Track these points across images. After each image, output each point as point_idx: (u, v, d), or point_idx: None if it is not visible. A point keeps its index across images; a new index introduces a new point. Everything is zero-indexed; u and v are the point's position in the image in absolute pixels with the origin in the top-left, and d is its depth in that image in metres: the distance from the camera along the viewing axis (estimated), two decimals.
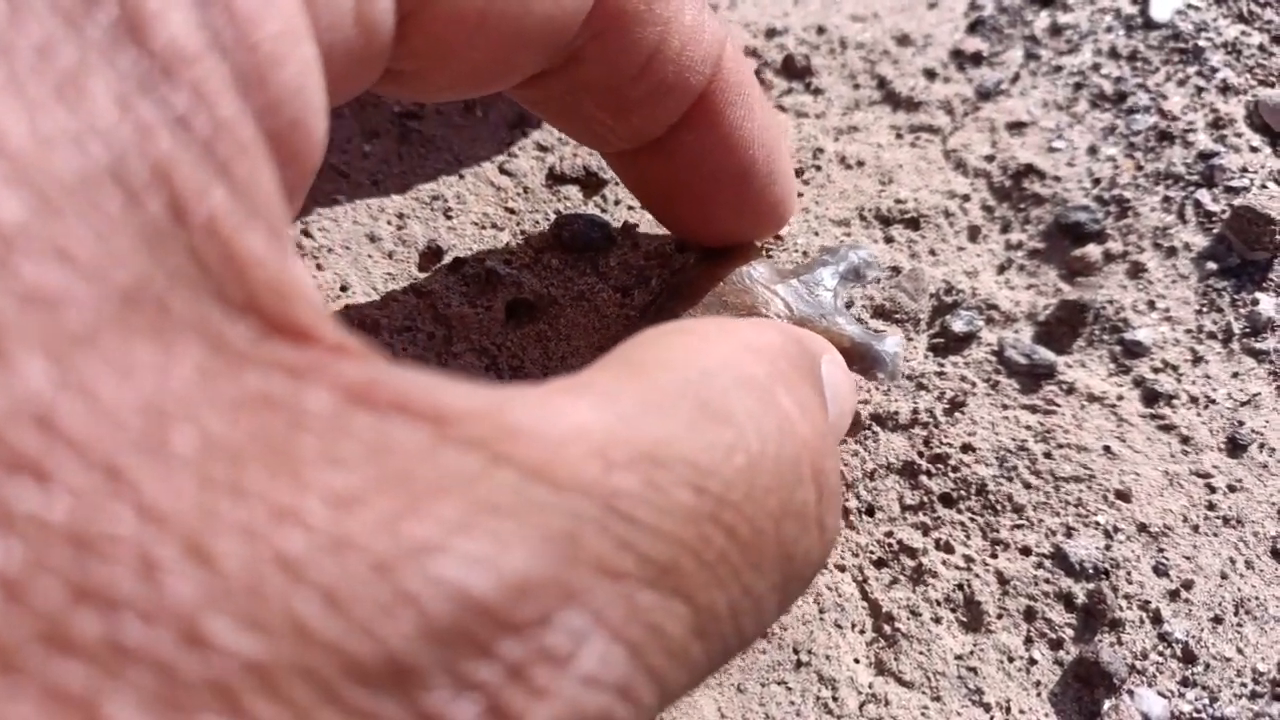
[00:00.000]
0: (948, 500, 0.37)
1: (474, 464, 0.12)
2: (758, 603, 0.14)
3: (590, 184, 0.44)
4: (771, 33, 0.49)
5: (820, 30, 0.49)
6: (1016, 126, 0.47)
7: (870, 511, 0.37)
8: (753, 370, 0.16)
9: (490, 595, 0.11)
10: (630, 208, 0.43)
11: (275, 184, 0.13)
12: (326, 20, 0.16)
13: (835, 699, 0.33)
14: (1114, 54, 0.50)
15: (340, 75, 0.18)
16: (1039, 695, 0.34)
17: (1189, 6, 0.52)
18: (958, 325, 0.41)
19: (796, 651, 0.34)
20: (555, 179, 0.43)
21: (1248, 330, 0.41)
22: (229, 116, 0.13)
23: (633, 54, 0.25)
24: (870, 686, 0.34)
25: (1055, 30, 0.50)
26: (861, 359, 0.33)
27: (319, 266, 0.40)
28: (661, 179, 0.30)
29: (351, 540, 0.10)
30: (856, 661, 0.34)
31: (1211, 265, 0.43)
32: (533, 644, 0.11)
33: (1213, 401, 0.40)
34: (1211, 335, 0.41)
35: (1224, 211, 0.44)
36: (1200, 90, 0.49)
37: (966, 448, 0.38)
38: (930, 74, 0.48)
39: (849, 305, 0.38)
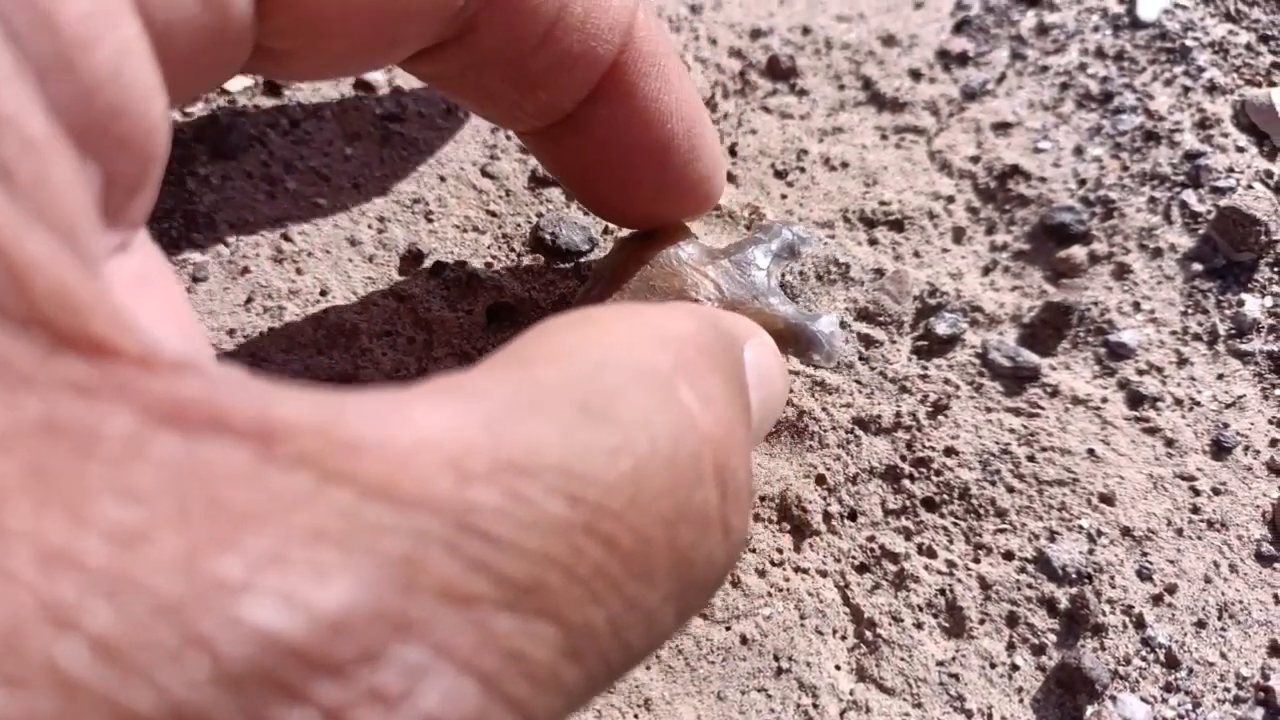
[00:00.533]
0: (930, 504, 0.37)
1: (302, 485, 0.11)
2: (648, 615, 0.13)
3: None
4: (756, 33, 0.48)
5: (805, 31, 0.49)
6: (1002, 127, 0.47)
7: (853, 516, 0.37)
8: (653, 361, 0.15)
9: (299, 635, 0.10)
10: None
11: (76, 182, 0.12)
12: None
13: (816, 706, 0.33)
14: (1101, 54, 0.49)
15: (194, 56, 0.17)
16: (1021, 701, 0.34)
17: (1176, 6, 0.52)
18: (941, 328, 0.40)
19: (777, 659, 0.34)
20: (538, 182, 0.43)
21: (1233, 332, 0.41)
22: (10, 111, 0.12)
23: (531, 22, 0.24)
24: (851, 693, 0.34)
25: (1042, 30, 0.50)
26: (796, 340, 0.32)
27: (299, 271, 0.40)
28: (578, 157, 0.29)
29: (133, 581, 0.09)
30: (838, 668, 0.34)
31: (1197, 266, 0.43)
32: (356, 686, 0.10)
33: (1197, 404, 0.40)
34: (1197, 337, 0.41)
35: (1210, 212, 0.44)
36: (1187, 90, 0.48)
37: (950, 451, 0.38)
38: (916, 74, 0.48)
39: (783, 285, 0.37)
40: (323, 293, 0.40)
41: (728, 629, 0.34)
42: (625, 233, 0.37)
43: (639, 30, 0.26)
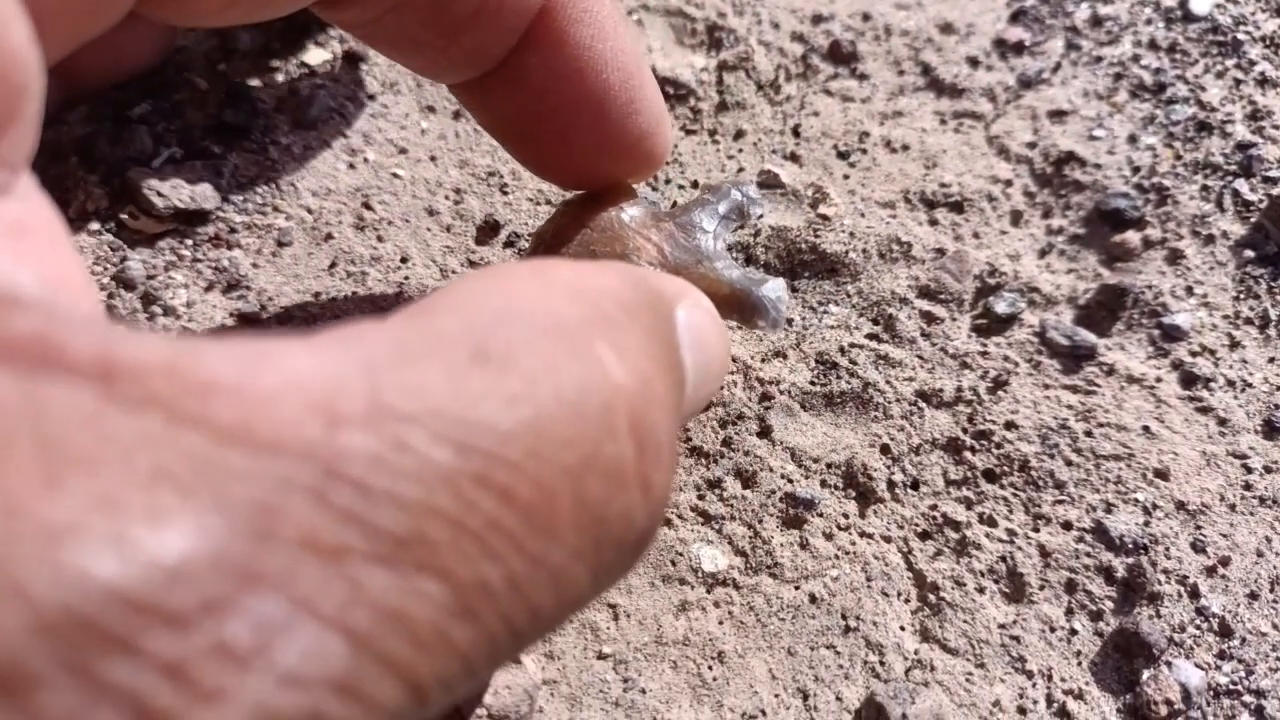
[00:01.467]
0: (991, 476, 0.38)
1: (147, 427, 0.10)
2: (555, 574, 0.12)
3: None
4: (818, 19, 0.50)
5: (865, 17, 0.50)
6: (1058, 114, 0.48)
7: (915, 485, 0.38)
8: (563, 313, 0.14)
9: (129, 582, 0.09)
10: (680, 186, 0.44)
11: None
12: None
13: (882, 663, 0.35)
14: (1154, 46, 0.51)
15: None
16: (1080, 664, 0.35)
17: (1228, 0, 0.53)
18: (1000, 307, 0.42)
19: (844, 617, 0.35)
20: None
21: None
22: None
23: None
24: (916, 653, 0.35)
25: (1096, 21, 0.51)
26: (741, 306, 0.31)
27: (380, 238, 0.41)
28: (510, 110, 0.27)
29: None
30: (902, 629, 0.35)
31: (1249, 253, 0.44)
32: (198, 638, 0.09)
33: (1249, 385, 0.41)
34: (1248, 321, 0.42)
35: (1261, 201, 0.45)
36: (1239, 82, 0.49)
37: (1009, 425, 0.39)
38: (973, 62, 0.49)
39: (730, 247, 0.34)
40: (403, 260, 0.41)
41: (797, 588, 0.35)
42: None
43: None
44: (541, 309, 0.14)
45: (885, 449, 0.38)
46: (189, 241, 0.40)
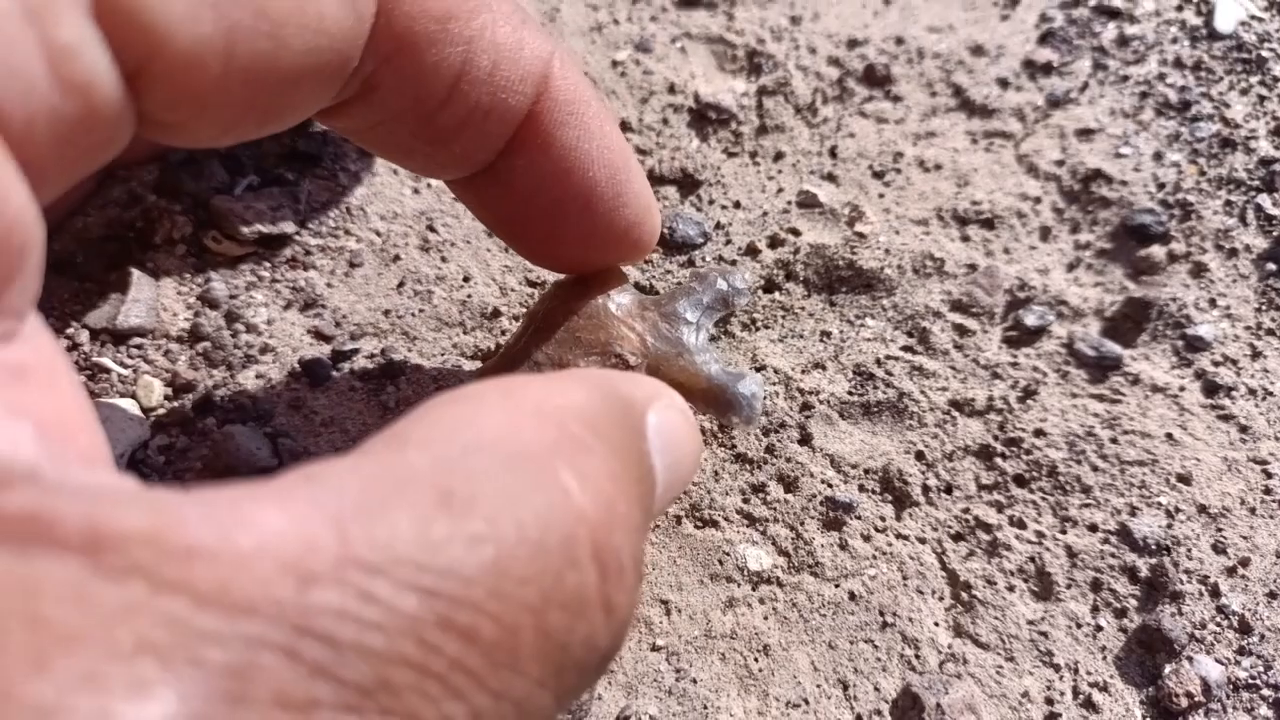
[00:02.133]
0: (1021, 481, 0.41)
1: (131, 596, 0.10)
2: (519, 703, 0.13)
3: (687, 184, 0.47)
4: (853, 44, 0.52)
5: (899, 41, 0.52)
6: (1085, 133, 0.50)
7: (949, 489, 0.40)
8: (529, 441, 0.15)
9: None
10: (723, 207, 0.47)
11: None
12: (9, 90, 0.15)
13: (918, 657, 0.37)
14: (1179, 64, 0.52)
15: (65, 141, 0.17)
16: (1104, 659, 0.37)
17: (1252, 18, 0.54)
18: (1030, 319, 0.44)
19: (882, 614, 0.38)
20: (655, 180, 0.47)
21: None
22: None
23: (434, 78, 0.24)
24: (949, 647, 0.37)
25: (1123, 41, 0.53)
26: (716, 400, 0.31)
27: (444, 259, 0.44)
28: (501, 206, 0.28)
29: None
30: (936, 624, 0.38)
31: (1271, 266, 0.46)
32: None
33: (1270, 394, 0.43)
34: (1270, 332, 0.44)
35: None
36: (1262, 99, 0.51)
37: (1038, 433, 0.41)
38: (1003, 83, 0.51)
39: (713, 339, 0.35)
40: (466, 279, 0.44)
41: (837, 586, 0.38)
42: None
43: (555, 80, 0.26)
44: (507, 437, 0.15)
45: (920, 455, 0.41)
46: (268, 264, 0.43)
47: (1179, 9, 0.55)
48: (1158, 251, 0.46)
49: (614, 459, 0.16)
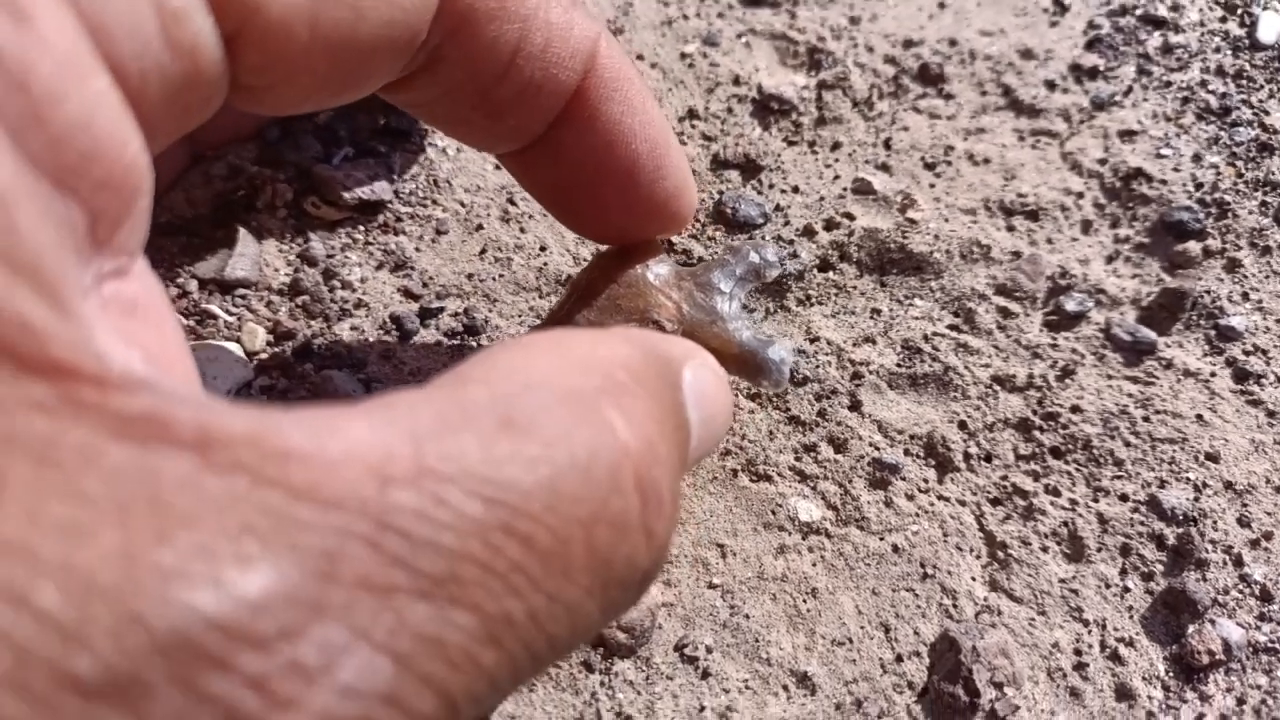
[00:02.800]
0: (1057, 452, 0.43)
1: (236, 488, 0.12)
2: (570, 609, 0.15)
3: (749, 169, 0.50)
4: (909, 43, 0.55)
5: (952, 43, 0.55)
6: (1128, 134, 0.52)
7: (988, 458, 0.43)
8: (577, 384, 0.16)
9: (224, 614, 0.11)
10: (783, 191, 0.50)
11: (46, 221, 0.14)
12: (128, 50, 0.17)
13: (955, 606, 0.40)
14: (1221, 72, 0.55)
15: (172, 99, 0.19)
16: (1131, 617, 0.40)
17: None
18: (1070, 305, 0.47)
19: (923, 566, 0.41)
20: (719, 164, 0.50)
21: None
22: None
23: (492, 52, 0.25)
24: (985, 599, 0.40)
25: (1167, 49, 0.56)
26: (747, 365, 0.33)
27: (522, 229, 0.48)
28: (549, 178, 0.30)
29: (77, 568, 0.11)
30: (973, 579, 0.41)
31: None
32: (277, 658, 0.11)
33: None
34: None
35: None
36: None
37: (1075, 409, 0.44)
38: (1050, 85, 0.54)
39: (745, 308, 0.36)
40: (542, 248, 0.47)
41: (881, 539, 0.41)
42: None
43: (601, 58, 0.28)
44: (558, 379, 0.16)
45: (963, 425, 0.44)
46: (362, 228, 0.47)
47: (1223, 20, 0.57)
48: (1194, 247, 0.49)
49: (654, 405, 0.18)
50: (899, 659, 0.39)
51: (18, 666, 0.10)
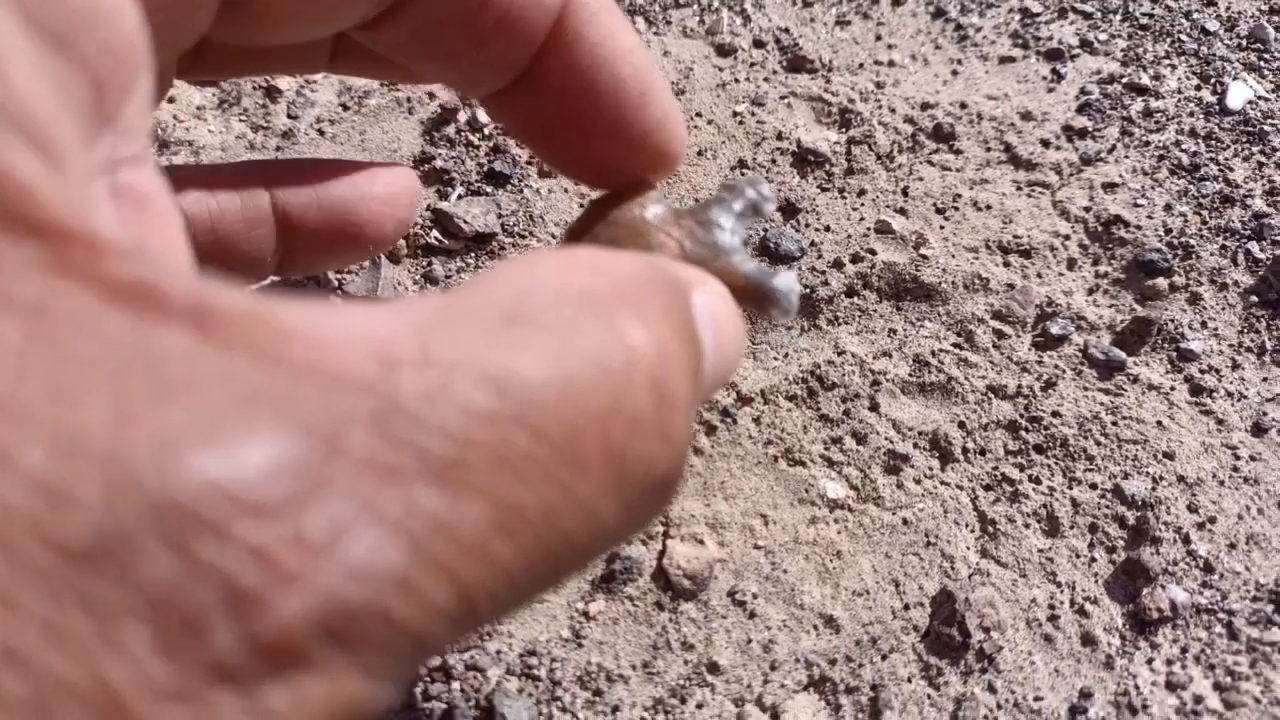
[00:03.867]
0: (1039, 449, 0.53)
1: (236, 364, 0.11)
2: (584, 506, 0.14)
3: (789, 211, 0.61)
4: (925, 106, 0.65)
5: (963, 105, 0.65)
6: (1110, 186, 0.62)
7: (982, 452, 0.53)
8: (588, 286, 0.16)
9: (225, 477, 0.10)
10: (817, 230, 0.60)
11: (44, 82, 0.13)
12: None
13: (952, 569, 0.49)
14: (1193, 133, 0.65)
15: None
16: (1096, 581, 0.49)
17: (1259, 98, 0.66)
18: (1055, 329, 0.56)
19: (927, 536, 0.50)
20: None
21: (1278, 348, 0.56)
22: None
23: None
24: (977, 564, 0.50)
25: (1147, 113, 0.66)
26: (755, 296, 0.30)
27: None
28: (536, 114, 0.29)
29: (67, 427, 0.10)
30: (968, 548, 0.50)
31: (1254, 298, 0.57)
32: (280, 528, 0.11)
33: (1244, 396, 0.55)
34: (1249, 349, 0.56)
35: (1268, 259, 0.59)
36: (1262, 165, 0.63)
37: (1055, 414, 0.54)
38: (1045, 143, 0.64)
39: (746, 243, 0.34)
40: None
41: (894, 514, 0.51)
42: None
43: None
44: (567, 283, 0.16)
45: (962, 424, 0.53)
46: (474, 255, 0.58)
47: (1198, 88, 0.67)
48: (1162, 282, 0.58)
49: (666, 314, 0.17)
50: (906, 607, 0.48)
51: (3, 529, 0.09)
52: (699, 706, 0.45)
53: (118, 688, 0.09)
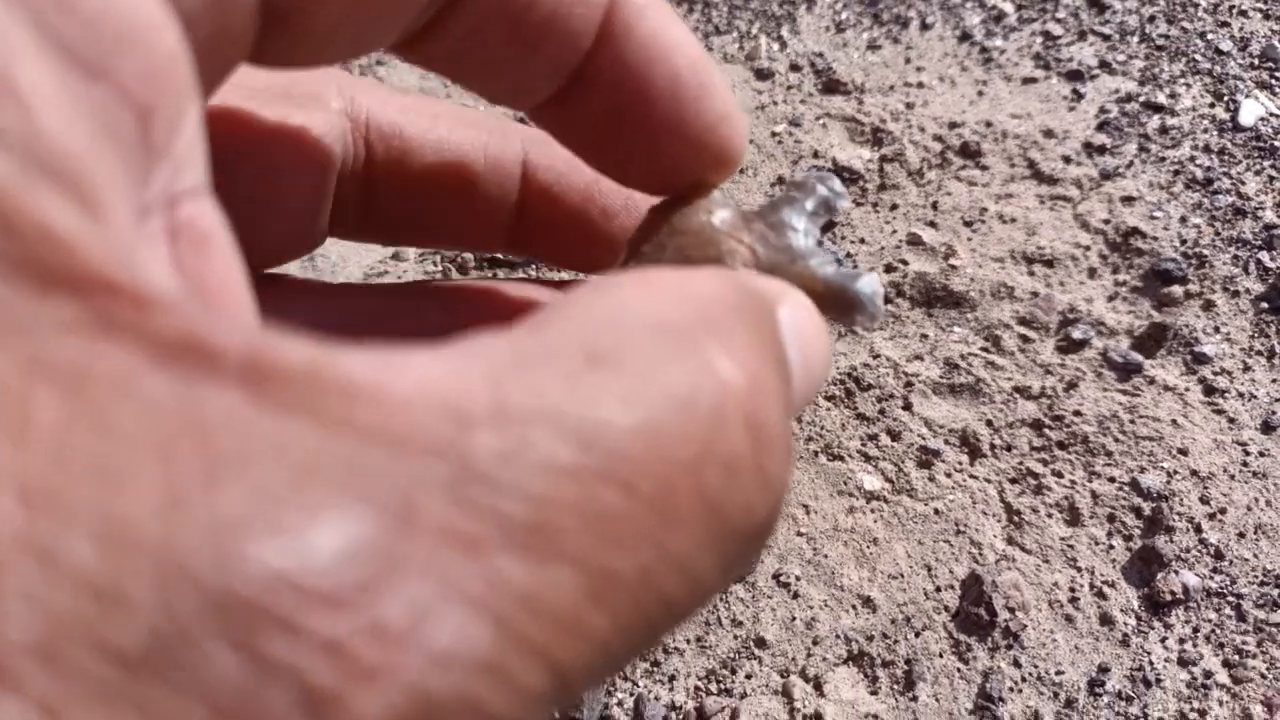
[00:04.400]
0: (1062, 445, 0.57)
1: (294, 429, 0.10)
2: (682, 564, 0.13)
3: (825, 225, 0.65)
4: (953, 125, 0.70)
5: (988, 124, 0.70)
6: (1128, 200, 0.66)
7: (1009, 448, 0.57)
8: (671, 316, 0.14)
9: (290, 566, 0.09)
10: (852, 242, 0.65)
11: (71, 111, 0.12)
12: None
13: (980, 555, 0.54)
14: (1207, 149, 0.69)
15: (204, 12, 0.16)
16: (1114, 566, 0.53)
17: (1270, 115, 0.70)
18: (1076, 334, 0.60)
19: (957, 525, 0.55)
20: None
21: None
22: None
23: None
24: (1003, 550, 0.54)
25: (1163, 130, 0.70)
26: (837, 302, 0.26)
27: None
28: (589, 119, 0.27)
29: (113, 517, 0.09)
30: (995, 536, 0.55)
31: (1264, 305, 0.61)
32: (356, 618, 0.09)
33: (1255, 397, 0.59)
34: (1259, 353, 0.60)
35: (1279, 268, 0.62)
36: (1273, 179, 0.67)
37: (1077, 413, 0.58)
38: (1067, 159, 0.68)
39: (820, 243, 0.36)
40: None
41: (926, 505, 0.55)
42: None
43: None
44: (649, 312, 0.14)
45: (989, 423, 0.58)
46: (534, 268, 0.63)
47: (1211, 105, 0.71)
48: (1177, 290, 0.62)
49: (755, 339, 0.16)
50: (938, 589, 0.53)
51: (49, 636, 0.08)
52: (748, 677, 0.50)
53: None
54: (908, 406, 0.58)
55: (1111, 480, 0.56)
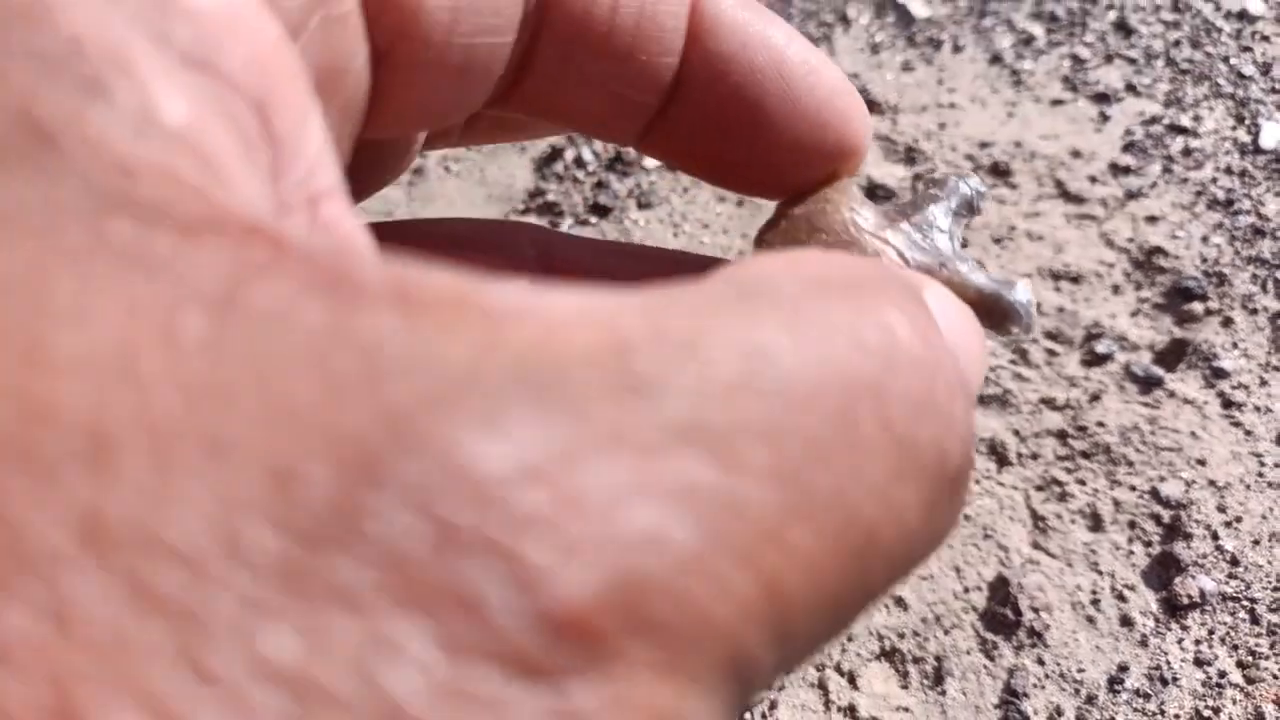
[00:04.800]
0: (1085, 455, 0.60)
1: (452, 346, 0.09)
2: (882, 491, 0.11)
3: None
4: (984, 144, 0.73)
5: (1018, 144, 0.73)
6: (1151, 219, 0.69)
7: (1034, 456, 0.60)
8: (829, 274, 0.13)
9: (477, 440, 0.09)
10: None
11: (186, 102, 0.11)
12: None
13: (1007, 558, 0.57)
14: (1229, 171, 0.71)
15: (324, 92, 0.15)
16: (1134, 571, 0.56)
17: None
18: (1100, 348, 0.63)
19: (985, 530, 0.58)
20: None
21: None
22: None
23: None
24: (1029, 555, 0.57)
25: (1187, 152, 0.72)
26: (990, 311, 0.24)
27: None
28: (699, 128, 0.24)
29: (284, 408, 0.09)
30: (1021, 540, 0.58)
31: None
32: (549, 491, 0.09)
33: (1271, 410, 0.61)
34: (1276, 368, 0.63)
35: None
36: None
37: (1100, 424, 0.61)
38: (1093, 179, 0.71)
39: (965, 245, 0.31)
40: None
41: None
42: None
43: None
44: (805, 274, 0.13)
45: (1016, 432, 0.61)
46: None
47: (1233, 128, 0.74)
48: (1198, 307, 0.65)
49: (917, 306, 0.14)
50: (966, 590, 0.56)
51: (225, 518, 0.08)
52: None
53: (400, 698, 0.08)
54: None
55: (1132, 489, 0.59)
